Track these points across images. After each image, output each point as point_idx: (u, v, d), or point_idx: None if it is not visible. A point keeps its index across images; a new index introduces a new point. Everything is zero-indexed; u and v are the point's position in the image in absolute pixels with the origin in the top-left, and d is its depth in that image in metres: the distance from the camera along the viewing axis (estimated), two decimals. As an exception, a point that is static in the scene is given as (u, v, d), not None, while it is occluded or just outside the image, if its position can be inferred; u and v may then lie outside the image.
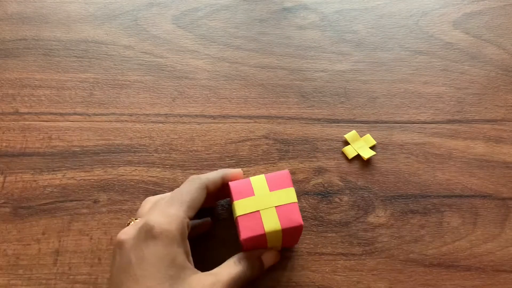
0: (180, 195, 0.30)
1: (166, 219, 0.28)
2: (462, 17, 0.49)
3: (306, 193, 0.39)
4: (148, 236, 0.28)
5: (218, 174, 0.33)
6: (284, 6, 0.50)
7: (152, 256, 0.27)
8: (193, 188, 0.31)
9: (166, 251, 0.27)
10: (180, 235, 0.28)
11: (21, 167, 0.39)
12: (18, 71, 0.45)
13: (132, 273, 0.27)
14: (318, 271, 0.36)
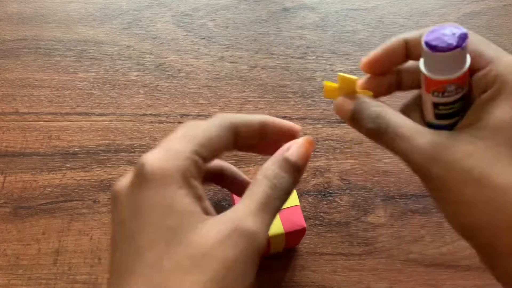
0: (194, 130, 0.23)
1: (163, 155, 0.21)
2: (462, 17, 0.49)
3: (306, 193, 0.39)
4: (141, 179, 0.21)
5: (255, 117, 0.25)
6: (284, 6, 0.50)
7: (145, 205, 0.21)
8: (214, 124, 0.23)
9: (161, 196, 0.20)
10: (180, 174, 0.21)
11: (21, 167, 0.39)
12: (18, 71, 0.45)
13: (126, 229, 0.21)
14: (318, 271, 0.35)
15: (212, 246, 0.19)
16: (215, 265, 0.19)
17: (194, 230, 0.20)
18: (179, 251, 0.19)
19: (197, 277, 0.19)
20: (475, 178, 0.20)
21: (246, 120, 0.24)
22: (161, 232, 0.20)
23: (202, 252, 0.19)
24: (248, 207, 0.21)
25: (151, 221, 0.20)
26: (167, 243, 0.20)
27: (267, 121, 0.24)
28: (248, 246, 0.20)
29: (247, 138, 0.24)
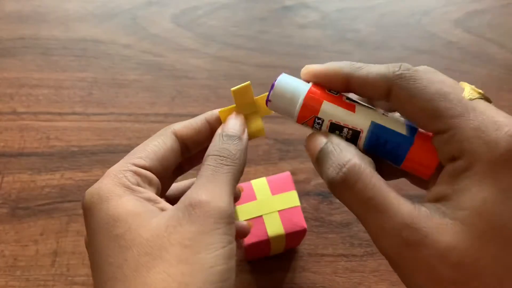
0: (133, 149, 0.23)
1: (99, 180, 0.21)
2: (464, 16, 0.48)
3: (306, 194, 0.38)
4: (84, 211, 0.21)
5: (198, 117, 0.24)
6: (284, 4, 0.49)
7: (93, 228, 0.20)
8: (152, 137, 0.23)
9: (103, 212, 0.20)
10: (118, 186, 0.20)
11: (19, 167, 0.39)
12: (16, 70, 0.44)
13: (90, 261, 0.20)
14: (319, 272, 0.35)
15: (166, 232, 0.19)
16: (173, 250, 0.18)
17: (145, 229, 0.19)
18: (134, 253, 0.18)
19: (158, 268, 0.18)
20: (465, 276, 0.17)
21: (186, 122, 0.24)
22: (112, 243, 0.19)
23: (158, 244, 0.18)
24: (197, 184, 0.20)
25: (101, 238, 0.19)
26: (121, 250, 0.19)
27: (209, 114, 0.24)
28: (204, 216, 0.19)
29: (195, 139, 0.23)
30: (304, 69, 0.23)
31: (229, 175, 0.21)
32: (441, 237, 0.17)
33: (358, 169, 0.19)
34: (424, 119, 0.18)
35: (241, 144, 0.22)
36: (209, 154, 0.22)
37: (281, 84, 0.21)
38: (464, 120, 0.18)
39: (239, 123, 0.23)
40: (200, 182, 0.20)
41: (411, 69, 0.19)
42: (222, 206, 0.19)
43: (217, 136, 0.22)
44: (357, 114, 0.20)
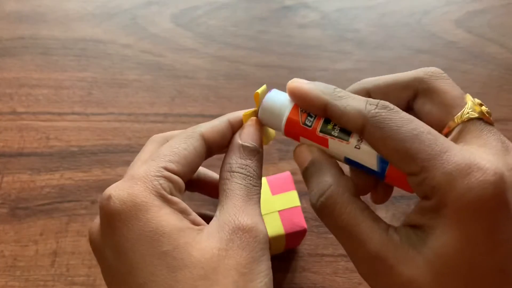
0: (158, 151, 0.22)
1: (128, 183, 0.20)
2: (464, 16, 0.48)
3: (307, 194, 0.38)
4: (109, 216, 0.19)
5: (221, 118, 0.24)
6: (284, 4, 0.49)
7: (127, 240, 0.18)
8: (180, 138, 0.22)
9: (142, 223, 0.18)
10: (155, 195, 0.19)
11: (18, 167, 0.39)
12: (16, 70, 0.44)
13: (115, 274, 0.19)
14: (319, 273, 0.35)
15: (220, 256, 0.18)
16: (231, 276, 0.18)
17: (193, 247, 0.18)
18: (187, 274, 0.18)
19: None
20: None
21: (213, 125, 0.23)
22: (157, 260, 0.18)
23: (212, 267, 0.18)
24: (234, 205, 0.20)
25: (142, 252, 0.18)
26: (170, 270, 0.18)
27: (233, 117, 0.24)
28: (254, 241, 0.19)
29: (219, 141, 0.23)
30: (290, 84, 0.22)
31: (258, 197, 0.21)
32: (404, 269, 0.18)
33: (335, 198, 0.19)
34: (397, 160, 0.19)
35: (261, 159, 0.23)
36: (233, 170, 0.21)
37: (267, 103, 0.23)
38: (436, 164, 0.17)
39: (257, 132, 0.23)
40: (237, 203, 0.20)
41: (387, 108, 0.19)
42: (265, 231, 0.20)
43: (236, 147, 0.22)
44: (330, 149, 0.21)
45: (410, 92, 0.22)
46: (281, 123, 0.22)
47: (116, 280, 0.19)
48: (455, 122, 0.20)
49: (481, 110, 0.20)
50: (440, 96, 0.20)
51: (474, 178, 0.17)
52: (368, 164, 0.20)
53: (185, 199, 0.39)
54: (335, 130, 0.21)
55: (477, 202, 0.17)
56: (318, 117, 0.21)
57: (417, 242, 0.18)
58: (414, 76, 0.21)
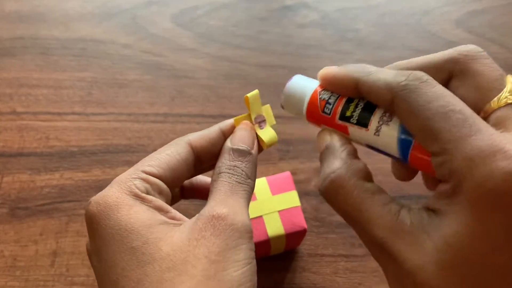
0: (144, 158, 0.22)
1: (106, 189, 0.20)
2: (464, 16, 0.48)
3: (307, 194, 0.38)
4: (89, 219, 0.20)
5: (211, 128, 0.23)
6: (284, 4, 0.49)
7: (102, 240, 0.19)
8: (165, 146, 0.22)
9: (113, 223, 0.19)
10: (128, 195, 0.19)
11: (18, 167, 0.39)
12: (15, 70, 0.44)
13: (98, 276, 0.19)
14: (319, 273, 0.35)
15: (190, 246, 0.18)
16: (200, 264, 0.17)
17: (164, 242, 0.18)
18: (155, 268, 0.18)
19: (187, 286, 0.17)
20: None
21: (201, 133, 0.23)
22: (128, 256, 0.18)
23: (182, 258, 0.18)
24: (215, 199, 0.20)
25: (114, 250, 0.18)
26: (139, 264, 0.18)
27: (224, 125, 0.23)
28: (230, 230, 0.18)
29: (210, 150, 0.22)
30: (322, 71, 0.22)
31: (245, 193, 0.21)
32: (412, 256, 0.17)
33: (340, 182, 0.19)
34: (421, 138, 0.18)
35: (252, 160, 0.22)
36: (221, 171, 0.21)
37: (289, 90, 0.23)
38: (458, 147, 0.16)
39: (248, 135, 0.23)
40: (219, 197, 0.20)
41: (419, 80, 0.18)
42: (245, 220, 0.19)
43: (226, 150, 0.22)
44: (351, 136, 0.21)
45: (444, 75, 0.20)
46: (303, 110, 0.22)
47: (100, 281, 0.19)
48: (491, 106, 0.18)
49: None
50: (476, 78, 0.19)
51: (497, 166, 0.15)
52: (388, 150, 0.20)
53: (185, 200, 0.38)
54: (354, 116, 0.20)
55: (497, 192, 0.15)
56: (337, 103, 0.21)
57: (430, 227, 0.17)
58: (449, 57, 0.20)
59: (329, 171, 0.20)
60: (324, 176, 0.20)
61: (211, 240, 0.18)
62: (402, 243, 0.17)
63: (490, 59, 0.20)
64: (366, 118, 0.20)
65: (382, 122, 0.19)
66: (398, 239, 0.17)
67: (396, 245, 0.17)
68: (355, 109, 0.20)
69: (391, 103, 0.19)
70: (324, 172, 0.20)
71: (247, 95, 0.23)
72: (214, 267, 0.17)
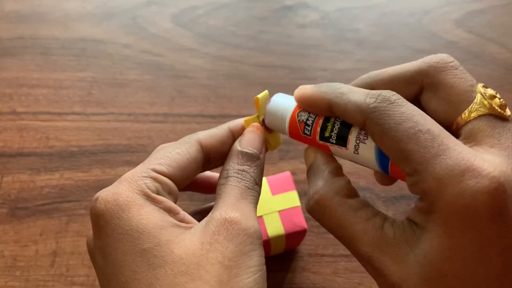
0: (153, 154, 0.22)
1: (114, 186, 0.20)
2: (464, 16, 0.48)
3: (306, 194, 0.38)
4: (95, 217, 0.19)
5: (222, 126, 0.23)
6: (284, 4, 0.49)
7: (110, 240, 0.18)
8: (174, 144, 0.22)
9: (124, 222, 0.18)
10: (139, 194, 0.19)
11: (18, 167, 0.39)
12: (15, 70, 0.44)
13: (103, 275, 0.19)
14: (319, 273, 0.35)
15: (203, 250, 0.18)
16: (214, 270, 0.17)
17: (175, 245, 0.18)
18: (167, 271, 0.17)
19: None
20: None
21: (211, 132, 0.22)
22: (139, 258, 0.18)
23: (195, 262, 0.17)
24: (225, 203, 0.20)
25: (124, 250, 0.18)
26: (150, 267, 0.17)
27: (233, 125, 0.23)
28: (243, 235, 0.18)
29: (218, 148, 0.22)
30: (296, 92, 0.22)
31: (254, 199, 0.21)
32: (396, 268, 0.17)
33: (324, 201, 0.20)
34: (394, 159, 0.18)
35: (261, 165, 0.22)
36: (229, 175, 0.21)
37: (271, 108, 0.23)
38: (428, 168, 0.16)
39: (258, 138, 0.22)
40: (229, 200, 0.20)
41: (388, 101, 0.18)
42: (257, 226, 0.19)
43: (235, 153, 0.22)
44: (333, 154, 0.21)
45: (416, 87, 0.20)
46: (285, 129, 0.22)
47: (105, 281, 0.19)
48: (462, 119, 0.18)
49: (492, 105, 0.18)
50: (446, 91, 0.19)
51: (466, 185, 0.15)
52: (370, 166, 0.20)
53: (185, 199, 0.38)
54: (332, 137, 0.20)
55: (467, 211, 0.15)
56: (316, 123, 0.21)
57: (412, 240, 0.17)
58: (418, 69, 0.20)
59: (313, 192, 0.20)
60: (309, 197, 0.20)
61: (225, 244, 0.18)
62: (386, 256, 0.18)
63: (460, 68, 0.19)
64: (344, 137, 0.20)
65: (359, 141, 0.20)
66: (382, 253, 0.18)
67: (381, 259, 0.18)
68: (333, 129, 0.20)
69: (364, 126, 0.19)
70: (309, 192, 0.21)
71: (257, 96, 0.23)
72: (227, 273, 0.17)
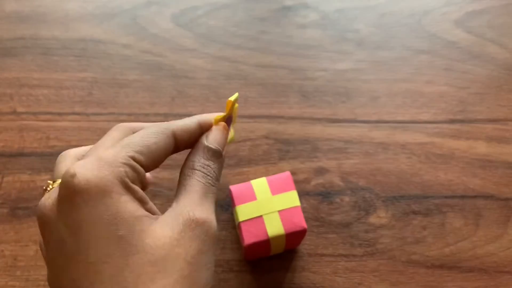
0: (128, 139, 0.22)
1: (96, 164, 0.20)
2: (464, 16, 0.48)
3: (306, 194, 0.38)
4: (71, 192, 0.19)
5: (192, 119, 0.24)
6: (284, 4, 0.49)
7: (85, 220, 0.19)
8: (151, 131, 0.22)
9: (102, 206, 0.19)
10: (118, 181, 0.20)
11: (18, 167, 0.39)
12: (16, 70, 0.44)
13: (68, 251, 0.19)
14: (319, 272, 0.35)
15: (171, 245, 0.19)
16: (178, 264, 0.19)
17: (147, 234, 0.19)
18: (138, 260, 0.19)
19: (163, 282, 0.19)
20: None
21: (184, 124, 0.24)
22: (113, 243, 0.19)
23: (162, 255, 0.19)
24: (190, 198, 0.21)
25: (99, 234, 0.19)
26: (123, 253, 0.19)
27: (203, 119, 0.24)
28: (205, 235, 0.20)
29: (187, 140, 0.24)
30: None
31: (214, 196, 0.23)
32: None
33: None
34: None
35: (222, 163, 0.24)
36: (195, 168, 0.23)
37: None
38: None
39: (223, 137, 0.24)
40: (194, 198, 0.21)
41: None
42: (216, 226, 0.21)
43: (201, 147, 0.23)
44: None
45: None
46: None
47: (64, 255, 0.19)
48: None
49: None
50: None
51: None
52: None
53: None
54: None
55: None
56: None
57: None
58: None
59: None
60: None
61: (189, 243, 0.20)
62: None
63: None
64: None
65: None
66: None
67: None
68: None
69: None
70: None
71: (230, 100, 0.24)
72: (189, 268, 0.19)
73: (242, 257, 0.36)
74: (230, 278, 0.35)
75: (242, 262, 0.35)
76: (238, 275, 0.35)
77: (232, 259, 0.36)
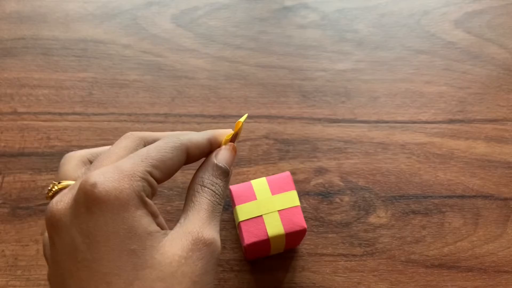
0: (146, 151, 0.22)
1: (115, 175, 0.20)
2: (463, 16, 0.48)
3: (306, 194, 0.38)
4: (90, 201, 0.20)
5: (203, 136, 0.25)
6: (284, 5, 0.49)
7: (101, 230, 0.19)
8: (167, 146, 0.23)
9: (119, 219, 0.20)
10: (136, 195, 0.20)
11: (19, 167, 0.39)
12: (17, 70, 0.44)
13: (80, 258, 0.20)
14: (318, 272, 0.35)
15: (179, 263, 0.20)
16: (185, 282, 0.20)
17: (157, 250, 0.20)
18: (148, 274, 0.20)
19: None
20: None
21: (196, 140, 0.24)
22: (126, 257, 0.19)
23: (171, 272, 0.20)
24: (199, 217, 0.22)
25: (113, 246, 0.19)
26: (134, 267, 0.19)
27: (214, 137, 0.25)
28: (211, 256, 0.21)
29: (197, 156, 0.25)
30: None
31: (220, 214, 0.24)
32: None
33: None
34: None
35: (228, 181, 0.25)
36: (204, 185, 0.23)
37: None
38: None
39: (231, 157, 0.25)
40: (203, 216, 0.22)
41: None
42: (220, 248, 0.22)
43: (211, 165, 0.24)
44: None
45: None
46: None
47: (74, 260, 0.20)
48: None
49: None
50: None
51: None
52: None
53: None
54: None
55: None
56: None
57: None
58: None
59: None
60: None
61: (195, 262, 0.21)
62: None
63: None
64: None
65: None
66: None
67: None
68: None
69: None
70: None
71: (240, 121, 0.25)
72: (194, 287, 0.20)
73: (242, 257, 0.36)
74: (230, 278, 0.35)
75: (242, 262, 0.36)
76: (238, 275, 0.35)
77: (232, 259, 0.36)
